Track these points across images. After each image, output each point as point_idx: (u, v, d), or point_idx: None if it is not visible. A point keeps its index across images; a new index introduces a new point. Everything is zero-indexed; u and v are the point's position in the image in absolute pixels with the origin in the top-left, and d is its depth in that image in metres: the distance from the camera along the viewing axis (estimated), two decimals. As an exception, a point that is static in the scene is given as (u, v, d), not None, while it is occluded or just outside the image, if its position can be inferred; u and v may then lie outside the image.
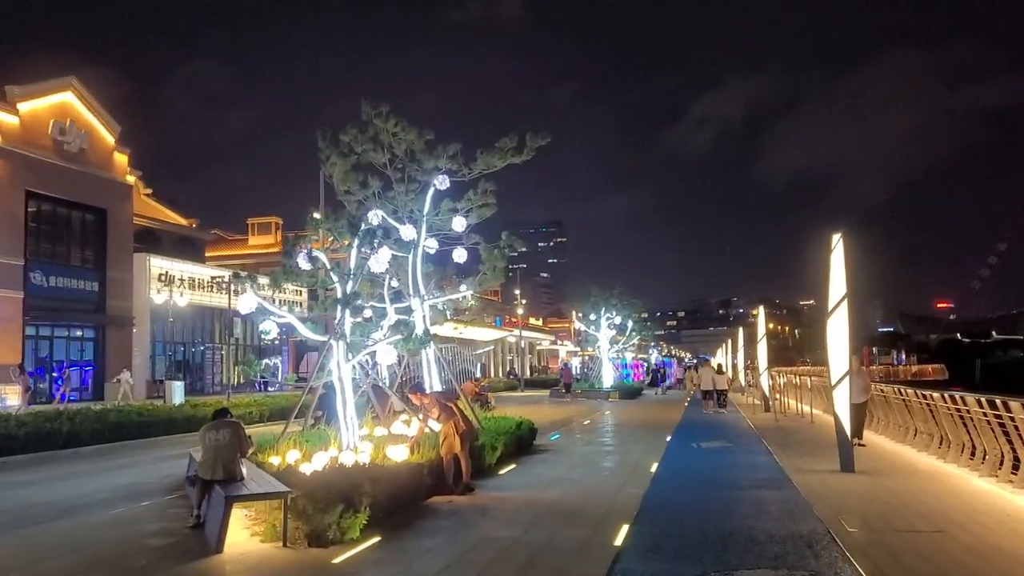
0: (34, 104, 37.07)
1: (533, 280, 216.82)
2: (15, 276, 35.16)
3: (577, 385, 46.36)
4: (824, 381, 27.00)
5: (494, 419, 17.02)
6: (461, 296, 17.10)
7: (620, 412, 30.24)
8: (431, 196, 16.68)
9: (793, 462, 13.99)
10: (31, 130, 36.63)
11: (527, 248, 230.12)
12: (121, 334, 41.07)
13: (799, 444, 17.12)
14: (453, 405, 11.22)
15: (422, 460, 10.73)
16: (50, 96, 38.09)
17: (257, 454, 11.10)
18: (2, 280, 34.25)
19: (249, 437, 9.67)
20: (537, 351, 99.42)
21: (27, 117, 36.52)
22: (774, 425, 22.32)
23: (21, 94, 36.37)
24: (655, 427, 22.61)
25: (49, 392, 37.25)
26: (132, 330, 41.56)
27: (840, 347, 12.59)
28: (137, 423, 20.28)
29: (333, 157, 15.63)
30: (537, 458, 15.30)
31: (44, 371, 38.15)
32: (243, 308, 12.34)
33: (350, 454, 10.73)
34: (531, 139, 17.00)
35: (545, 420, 25.46)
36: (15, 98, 36.05)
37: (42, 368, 38.05)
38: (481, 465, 12.99)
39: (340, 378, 12.57)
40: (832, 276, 12.68)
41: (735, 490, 11.42)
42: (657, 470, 13.46)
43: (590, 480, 12.54)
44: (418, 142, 16.36)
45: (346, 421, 12.48)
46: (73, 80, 39.42)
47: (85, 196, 39.29)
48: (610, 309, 44.91)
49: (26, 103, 36.57)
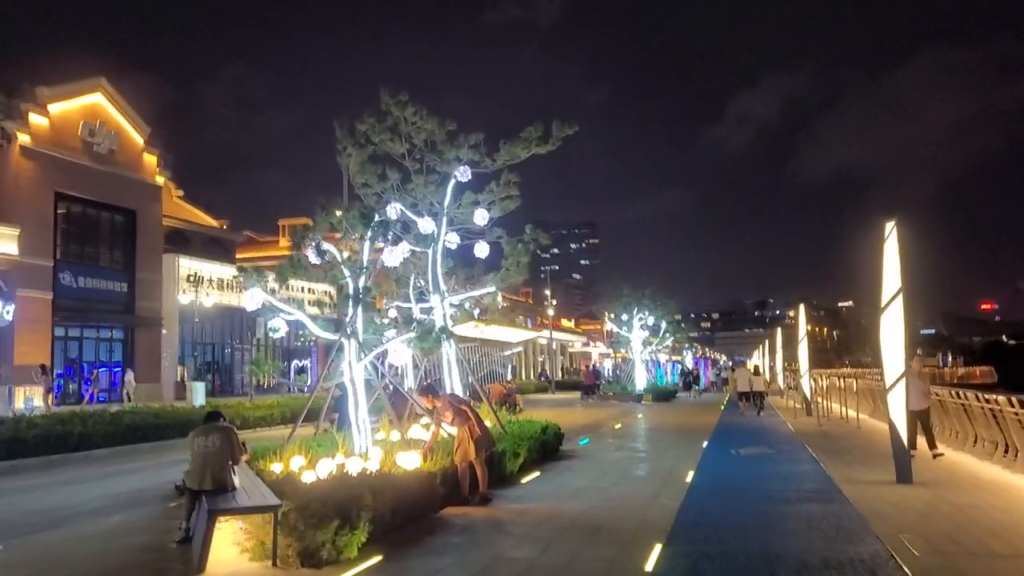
0: (64, 105, 36.94)
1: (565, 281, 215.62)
2: (44, 277, 34.98)
3: (609, 387, 45.33)
4: (872, 384, 25.79)
5: (518, 423, 16.10)
6: (484, 293, 16.21)
7: (653, 415, 29.17)
8: (452, 188, 15.86)
9: (842, 471, 12.90)
10: (61, 131, 36.49)
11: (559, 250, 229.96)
12: (150, 335, 40.82)
13: (847, 451, 15.98)
14: (467, 409, 10.31)
15: (434, 468, 9.85)
16: (80, 97, 37.96)
17: (259, 461, 10.31)
18: (32, 281, 34.04)
19: (244, 444, 8.87)
20: (569, 353, 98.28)
21: (57, 118, 36.39)
22: (817, 430, 21.14)
23: (51, 95, 36.24)
24: (690, 432, 21.55)
25: (79, 393, 37.09)
26: (161, 331, 41.26)
27: (895, 346, 11.50)
28: (153, 425, 19.67)
29: (349, 148, 14.85)
30: (563, 465, 14.36)
31: (73, 372, 38.02)
32: (248, 305, 11.60)
33: (358, 461, 9.90)
34: (557, 128, 16.08)
35: (575, 424, 24.51)
36: (45, 99, 35.94)
37: (71, 369, 37.92)
38: (502, 472, 12.10)
39: (352, 379, 11.80)
40: (885, 268, 11.58)
41: (780, 503, 10.38)
42: (693, 479, 12.44)
43: (620, 490, 11.56)
44: (439, 132, 15.53)
45: (358, 425, 11.69)
46: (103, 81, 39.25)
47: (114, 197, 39.08)
48: (642, 309, 43.76)
49: (56, 104, 36.45)
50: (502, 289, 16.33)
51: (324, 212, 12.09)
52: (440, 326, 13.64)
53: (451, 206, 15.91)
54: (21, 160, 34.76)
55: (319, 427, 13.43)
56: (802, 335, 28.17)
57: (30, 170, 34.87)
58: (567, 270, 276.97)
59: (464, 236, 16.29)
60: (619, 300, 44.77)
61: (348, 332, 11.83)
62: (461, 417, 10.18)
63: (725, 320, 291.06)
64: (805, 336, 27.93)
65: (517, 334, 42.52)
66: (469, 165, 15.75)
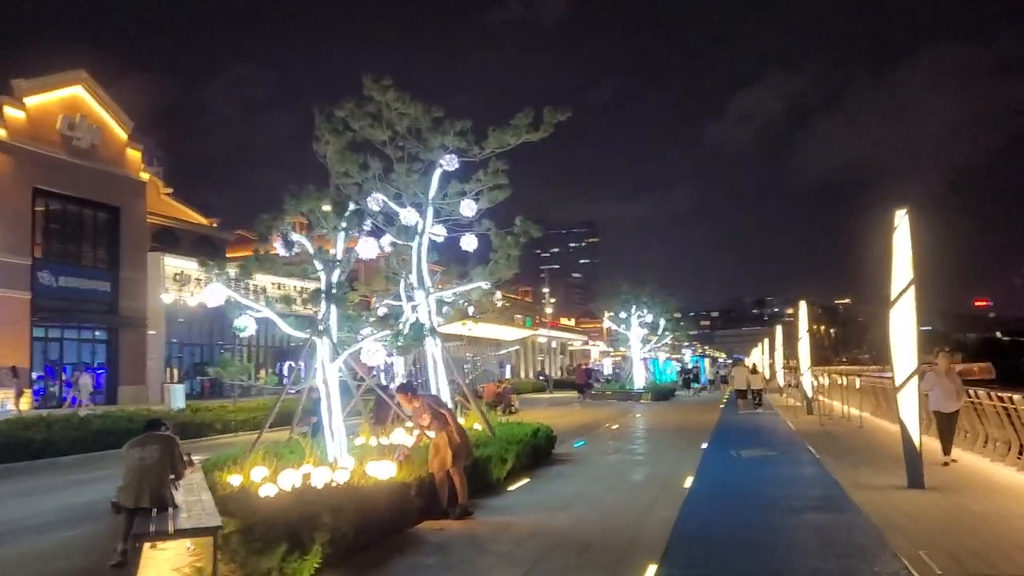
0: (42, 98, 35.87)
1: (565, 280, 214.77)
2: (22, 276, 33.93)
3: (607, 386, 44.50)
4: (875, 381, 24.98)
5: (508, 425, 15.27)
6: (472, 288, 15.36)
7: (652, 415, 28.35)
8: (438, 178, 15.01)
9: (849, 475, 12.07)
10: (39, 125, 35.43)
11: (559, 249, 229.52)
12: (135, 336, 39.79)
13: (851, 453, 15.15)
14: (447, 413, 9.42)
15: (410, 478, 8.99)
16: (59, 90, 36.86)
17: (217, 472, 9.45)
18: (8, 280, 33.01)
19: (188, 455, 8.03)
20: (569, 351, 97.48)
21: (34, 111, 35.33)
22: (819, 430, 20.32)
23: (28, 88, 35.19)
24: (689, 432, 20.72)
25: (59, 396, 36.12)
26: (146, 332, 40.27)
27: (906, 342, 10.66)
28: (125, 430, 18.68)
29: (327, 135, 13.98)
30: (555, 470, 13.50)
31: (55, 374, 37.00)
32: (210, 301, 10.74)
33: (326, 471, 9.04)
34: (549, 114, 15.22)
35: (571, 424, 23.69)
36: (22, 92, 34.87)
37: (52, 371, 36.90)
38: (487, 480, 11.25)
39: (325, 380, 10.96)
40: (895, 260, 10.75)
41: (786, 512, 9.54)
42: (692, 485, 11.60)
43: (613, 499, 10.69)
44: (424, 119, 14.67)
45: (331, 430, 10.85)
46: (83, 73, 38.20)
47: (96, 193, 38.02)
48: (641, 307, 42.92)
49: (34, 97, 35.39)
50: (493, 284, 15.45)
51: (294, 201, 11.23)
52: (424, 324, 12.78)
53: (437, 196, 15.08)
54: (-2, 155, 33.76)
55: (292, 433, 12.58)
56: (803, 332, 27.36)
57: (6, 165, 33.76)
58: (567, 269, 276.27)
59: (452, 229, 15.46)
60: (617, 297, 43.93)
61: (320, 330, 10.99)
62: (439, 421, 9.33)
63: (724, 318, 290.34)
64: (806, 333, 27.12)
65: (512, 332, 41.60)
66: (456, 153, 14.92)
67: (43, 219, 36.04)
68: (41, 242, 35.64)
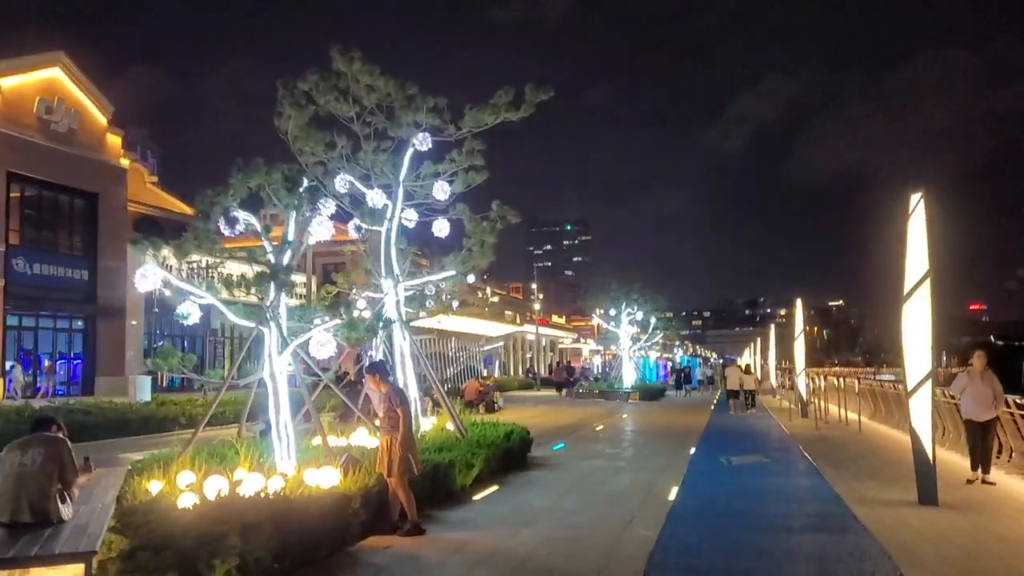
0: (17, 80, 34.56)
1: (558, 278, 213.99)
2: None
3: (595, 385, 43.43)
4: (875, 385, 23.95)
5: (482, 426, 14.15)
6: (444, 277, 14.26)
7: (639, 416, 27.26)
8: (410, 158, 13.90)
9: (852, 488, 10.99)
10: (14, 107, 34.13)
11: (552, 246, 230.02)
12: (113, 326, 38.53)
13: (852, 461, 14.08)
14: (401, 414, 8.17)
15: (353, 488, 7.86)
16: (35, 72, 35.55)
17: (139, 476, 8.32)
18: (-22, 268, 31.81)
19: (86, 459, 6.91)
20: (559, 349, 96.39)
21: (9, 93, 34.04)
22: (815, 434, 19.26)
23: (2, 68, 33.89)
24: (677, 435, 19.64)
25: (34, 386, 34.94)
26: (126, 322, 39.05)
27: (919, 341, 9.58)
28: (84, 423, 17.63)
29: (288, 109, 12.87)
30: (528, 477, 12.38)
31: (29, 364, 35.79)
32: (141, 285, 9.61)
33: (258, 478, 7.92)
34: (531, 92, 14.11)
35: (553, 424, 22.60)
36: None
37: (27, 361, 35.69)
38: (450, 488, 10.14)
39: (272, 374, 9.84)
40: (909, 249, 9.65)
41: (782, 533, 8.45)
42: (677, 497, 10.48)
43: (587, 513, 9.53)
44: (397, 94, 13.53)
45: (279, 430, 9.73)
46: (61, 55, 36.90)
47: (74, 179, 36.72)
48: (631, 304, 41.83)
49: (8, 78, 34.07)
50: (465, 273, 14.33)
51: (241, 175, 10.09)
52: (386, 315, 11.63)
53: (408, 178, 13.96)
54: (-31, 138, 32.53)
55: (240, 431, 11.47)
56: (798, 332, 26.31)
57: (-21, 149, 32.57)
58: (559, 267, 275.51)
59: (425, 214, 14.35)
60: (607, 294, 42.84)
61: (268, 318, 9.87)
62: (390, 422, 8.17)
63: (716, 318, 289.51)
64: (801, 333, 26.06)
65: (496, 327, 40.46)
66: (430, 132, 13.81)
67: (18, 205, 34.80)
68: (15, 228, 34.40)
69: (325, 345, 9.35)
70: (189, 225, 10.31)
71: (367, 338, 9.98)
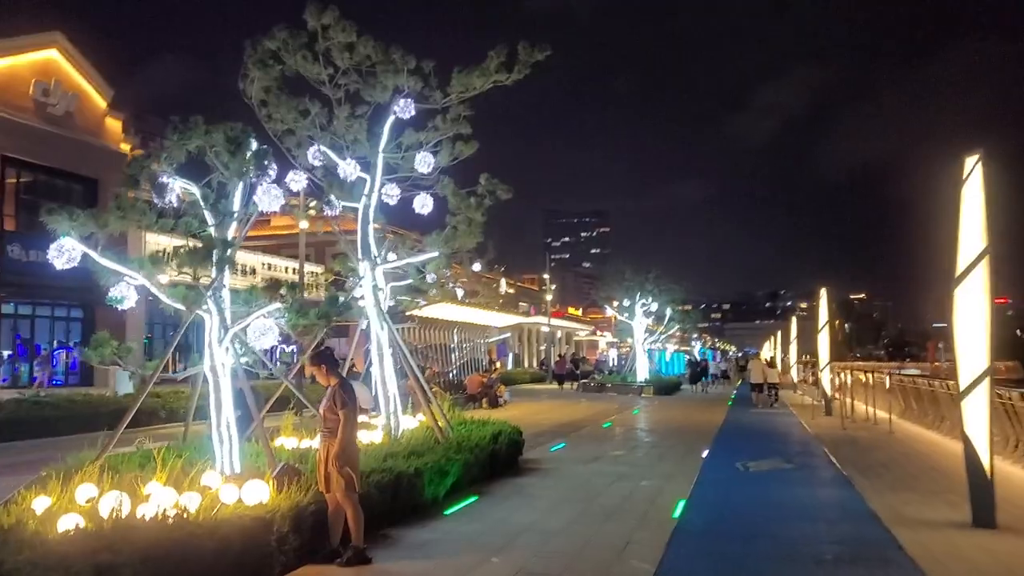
0: (12, 60, 33.40)
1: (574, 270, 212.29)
2: (-12, 249, 31.62)
3: (608, 378, 41.87)
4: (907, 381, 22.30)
5: (469, 425, 12.72)
6: (428, 259, 12.83)
7: (651, 411, 25.73)
8: (390, 126, 12.45)
9: (888, 503, 9.46)
10: (9, 89, 32.94)
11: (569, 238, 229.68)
12: (113, 315, 37.22)
13: (885, 468, 12.53)
14: (344, 417, 6.66)
15: (284, 505, 6.43)
16: (31, 53, 34.34)
17: (35, 488, 6.94)
18: (-31, 253, 30.69)
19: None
20: (574, 341, 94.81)
21: (4, 74, 32.86)
22: (842, 435, 17.68)
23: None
24: (690, 434, 18.12)
25: (30, 376, 33.92)
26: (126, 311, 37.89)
27: (974, 332, 8.01)
28: (43, 418, 16.36)
29: (253, 70, 11.45)
30: (515, 485, 10.90)
31: (27, 354, 34.77)
32: (57, 261, 8.31)
33: (171, 493, 6.53)
34: (525, 52, 12.62)
35: (558, 421, 21.17)
36: (-11, 53, 32.51)
37: (24, 350, 34.68)
38: (417, 499, 8.72)
39: (213, 367, 8.47)
40: (963, 222, 8.09)
41: (810, 565, 6.94)
42: (683, 514, 8.98)
43: (574, 535, 8.01)
44: (377, 55, 12.07)
45: (219, 432, 8.34)
46: (59, 36, 35.65)
47: (72, 164, 35.47)
48: (645, 295, 40.15)
49: (3, 59, 32.97)
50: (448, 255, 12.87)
51: (178, 136, 8.69)
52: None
53: (388, 149, 12.52)
54: (-41, 120, 31.40)
55: (186, 431, 10.09)
56: (822, 323, 24.64)
57: (-30, 131, 31.45)
58: (577, 259, 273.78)
59: (407, 190, 12.90)
60: (621, 284, 41.16)
61: (206, 303, 8.48)
62: (329, 424, 6.70)
63: (736, 311, 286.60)
64: (826, 325, 24.39)
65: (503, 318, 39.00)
66: (413, 98, 12.35)
67: (13, 190, 33.70)
68: (11, 214, 33.31)
69: (266, 334, 7.94)
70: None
71: (319, 326, 8.54)
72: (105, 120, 37.84)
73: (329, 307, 8.50)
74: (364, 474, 7.89)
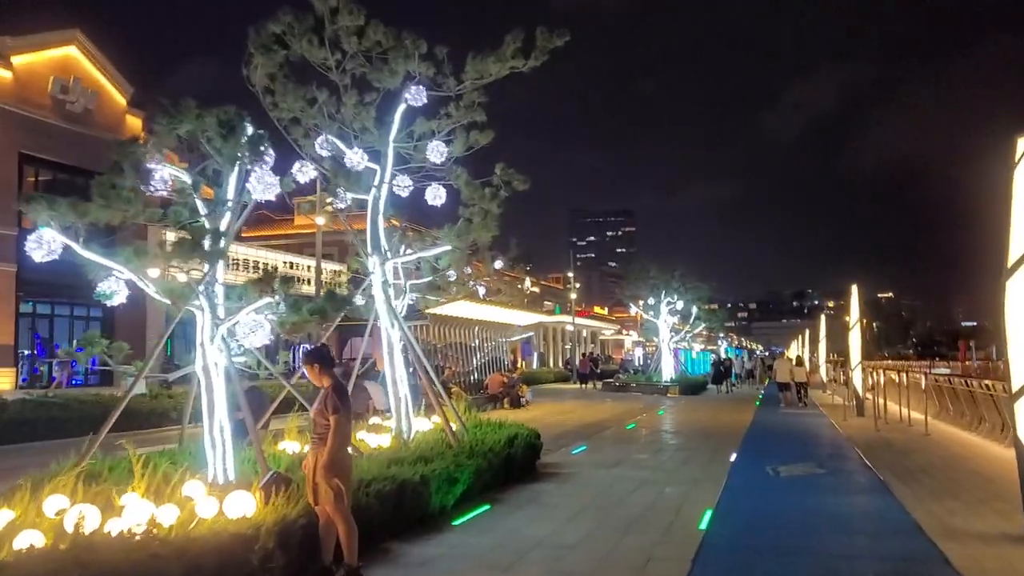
0: (31, 58, 33.29)
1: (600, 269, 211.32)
2: (7, 247, 31.27)
3: (633, 377, 41.16)
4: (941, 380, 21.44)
5: (481, 427, 12.10)
6: (440, 252, 12.25)
7: (676, 412, 25.00)
8: (401, 115, 11.88)
9: (932, 512, 8.75)
10: (27, 86, 32.84)
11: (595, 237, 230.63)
12: (134, 314, 37.15)
13: (925, 473, 11.78)
14: (335, 422, 6.05)
15: (269, 520, 5.86)
16: (50, 50, 34.25)
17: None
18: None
19: None
20: (600, 340, 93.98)
21: (22, 71, 32.77)
22: (876, 437, 16.90)
23: (15, 46, 32.57)
24: (717, 435, 17.42)
25: (48, 376, 33.78)
26: (146, 309, 37.70)
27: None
28: (52, 419, 15.97)
29: (255, 57, 10.92)
30: (531, 492, 10.29)
31: (46, 353, 34.64)
32: (35, 253, 7.83)
33: (147, 506, 5.99)
34: (543, 37, 11.99)
35: (580, 421, 20.56)
36: (8, 50, 32.27)
37: (43, 350, 34.55)
38: (424, 509, 8.14)
39: (205, 367, 7.95)
40: (1015, 209, 7.38)
41: (850, 585, 6.27)
42: (710, 524, 8.32)
43: (592, 549, 7.36)
44: (388, 41, 11.49)
45: (212, 437, 7.82)
46: (77, 33, 35.55)
47: (91, 162, 35.04)
48: (670, 293, 39.34)
49: (21, 56, 32.81)
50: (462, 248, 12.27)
51: (167, 120, 8.18)
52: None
53: (399, 138, 11.96)
54: (-22, 117, 31.26)
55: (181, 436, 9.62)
56: (853, 321, 23.78)
57: (-11, 128, 31.30)
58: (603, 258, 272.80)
59: (418, 181, 12.33)
60: (646, 282, 40.37)
61: (198, 299, 7.96)
62: (319, 429, 6.12)
63: (763, 310, 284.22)
64: (857, 323, 23.53)
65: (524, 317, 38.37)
66: (426, 85, 11.78)
67: (32, 187, 33.54)
68: (29, 212, 33.20)
69: (256, 331, 7.39)
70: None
71: (312, 323, 7.98)
72: (125, 117, 37.67)
73: (325, 303, 7.93)
74: (365, 483, 7.34)
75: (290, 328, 7.65)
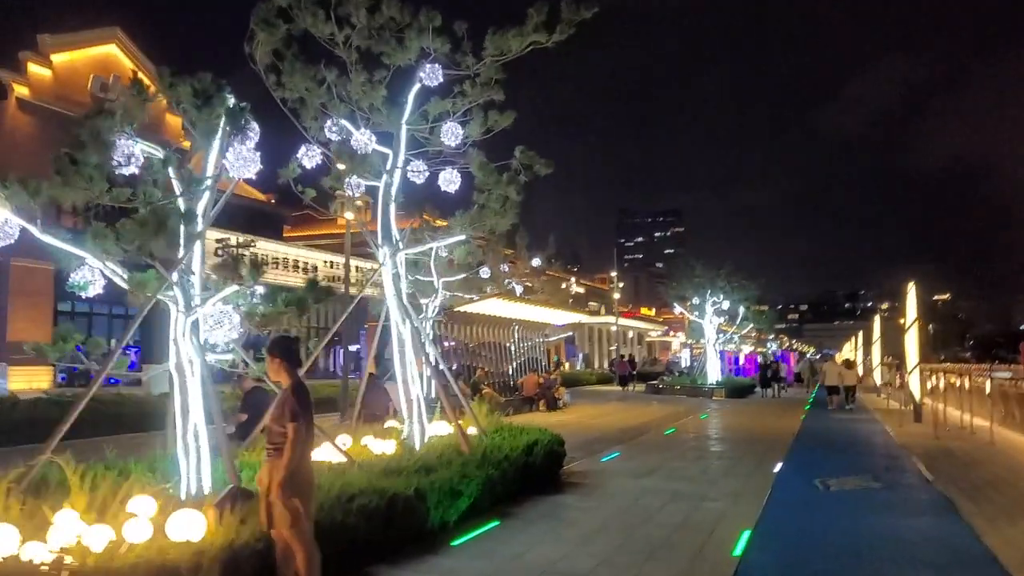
0: (70, 55, 33.34)
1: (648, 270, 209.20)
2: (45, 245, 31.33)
3: (677, 380, 39.85)
4: (1006, 384, 19.89)
5: (501, 432, 11.15)
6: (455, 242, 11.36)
7: (720, 416, 23.78)
8: (415, 95, 11.01)
9: (1008, 538, 7.59)
10: (67, 84, 32.85)
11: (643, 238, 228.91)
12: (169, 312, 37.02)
13: (994, 488, 10.53)
14: (293, 430, 5.00)
15: (216, 544, 4.99)
16: (90, 48, 34.30)
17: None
18: (30, 249, 30.34)
19: None
20: (647, 342, 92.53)
21: (62, 69, 32.81)
22: (935, 446, 15.58)
23: (55, 44, 32.66)
24: (761, 443, 16.23)
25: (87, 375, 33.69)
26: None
27: None
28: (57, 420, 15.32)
29: (258, 33, 10.13)
30: (549, 504, 9.30)
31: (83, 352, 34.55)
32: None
33: (76, 527, 5.16)
34: (569, 9, 11.01)
35: (617, 425, 19.51)
36: (48, 48, 32.38)
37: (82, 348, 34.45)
38: (420, 526, 7.21)
39: (179, 365, 7.18)
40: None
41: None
42: (747, 550, 7.25)
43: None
44: (403, 18, 10.63)
45: (185, 443, 7.03)
46: (117, 31, 35.55)
47: (131, 160, 35.30)
48: (716, 292, 37.94)
49: (61, 54, 32.89)
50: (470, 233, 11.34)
51: (137, 90, 7.43)
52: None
53: (413, 120, 11.08)
54: (18, 115, 31.29)
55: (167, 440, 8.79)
56: (910, 322, 22.34)
57: (28, 126, 31.33)
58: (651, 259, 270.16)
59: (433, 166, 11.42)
60: (691, 281, 39.02)
61: (171, 290, 7.18)
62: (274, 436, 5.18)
63: (815, 311, 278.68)
64: (915, 323, 22.08)
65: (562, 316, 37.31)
66: (441, 63, 10.89)
67: (71, 186, 33.54)
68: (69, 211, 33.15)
69: (222, 323, 6.55)
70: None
71: (290, 316, 7.11)
72: (165, 116, 37.48)
73: (305, 292, 7.06)
74: (347, 497, 6.44)
75: (261, 321, 6.80)
